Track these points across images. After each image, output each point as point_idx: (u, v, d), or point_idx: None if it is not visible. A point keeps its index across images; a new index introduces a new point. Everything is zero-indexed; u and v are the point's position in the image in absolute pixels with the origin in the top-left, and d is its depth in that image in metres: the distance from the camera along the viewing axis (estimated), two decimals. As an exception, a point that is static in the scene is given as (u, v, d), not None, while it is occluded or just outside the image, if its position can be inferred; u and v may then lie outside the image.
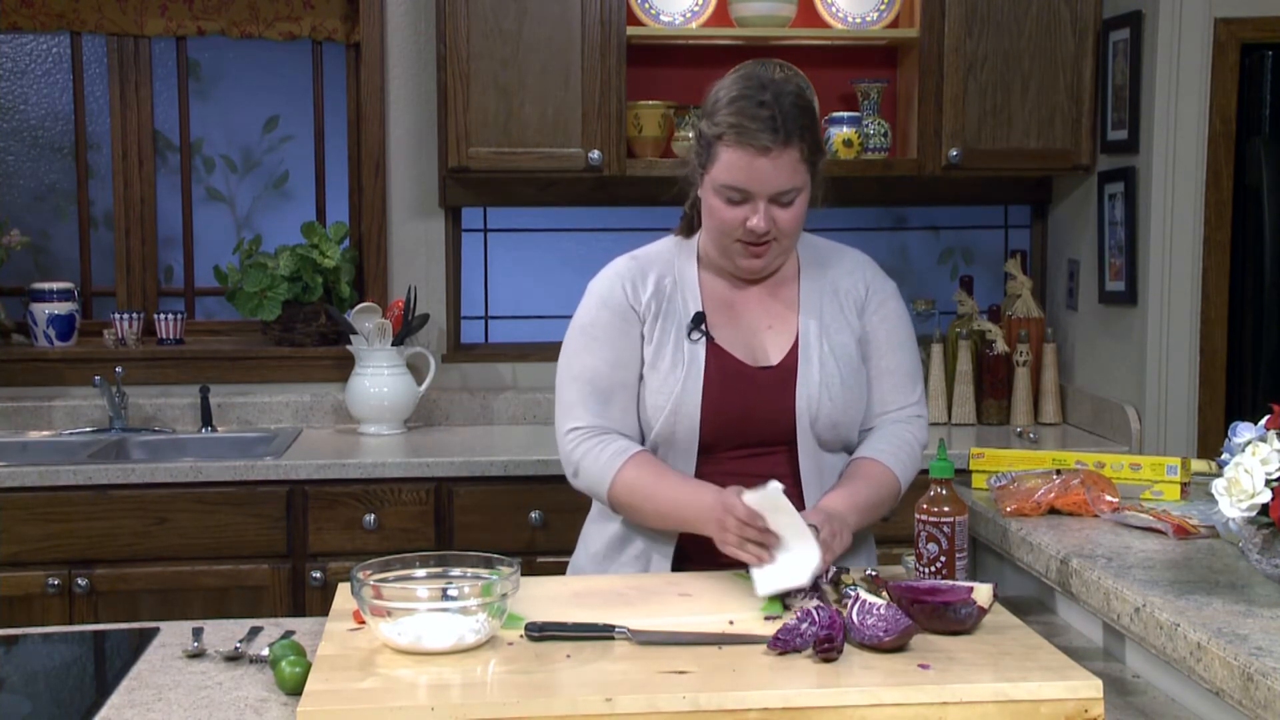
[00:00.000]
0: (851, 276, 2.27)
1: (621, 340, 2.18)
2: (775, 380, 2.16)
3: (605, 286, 2.22)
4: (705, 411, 2.13)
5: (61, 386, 3.85)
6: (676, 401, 2.13)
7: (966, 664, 1.69)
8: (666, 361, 2.16)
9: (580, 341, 2.20)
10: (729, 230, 2.12)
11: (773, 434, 2.16)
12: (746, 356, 2.18)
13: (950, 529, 1.99)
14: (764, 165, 2.06)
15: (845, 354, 2.20)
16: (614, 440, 2.16)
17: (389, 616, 1.74)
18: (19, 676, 1.96)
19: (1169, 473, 2.31)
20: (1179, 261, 3.44)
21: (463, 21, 3.56)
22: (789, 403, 2.15)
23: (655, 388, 2.16)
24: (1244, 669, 1.49)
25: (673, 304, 2.19)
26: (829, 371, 2.17)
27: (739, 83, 2.12)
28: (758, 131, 2.05)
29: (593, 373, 2.17)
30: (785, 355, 2.18)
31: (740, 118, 2.06)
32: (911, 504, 2.08)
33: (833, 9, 3.82)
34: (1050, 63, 3.69)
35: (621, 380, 2.18)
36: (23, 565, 3.25)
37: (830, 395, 2.16)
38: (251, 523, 3.32)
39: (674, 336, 2.17)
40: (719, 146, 2.08)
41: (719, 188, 2.10)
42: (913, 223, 4.28)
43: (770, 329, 2.21)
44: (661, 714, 1.59)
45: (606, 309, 2.19)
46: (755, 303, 2.22)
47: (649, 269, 2.22)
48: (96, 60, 4.01)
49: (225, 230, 4.13)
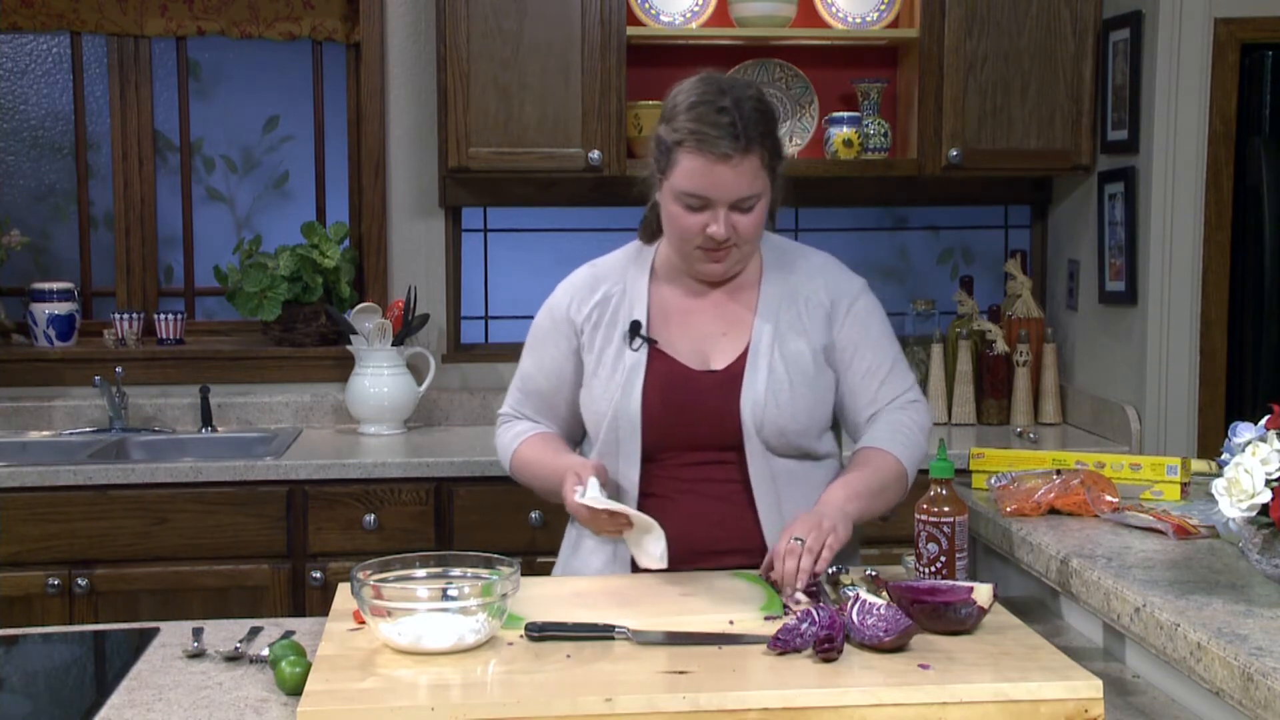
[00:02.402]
0: (814, 284, 2.24)
1: (552, 349, 2.26)
2: (720, 384, 2.15)
3: (557, 294, 2.30)
4: (646, 417, 2.13)
5: (61, 386, 3.85)
6: (617, 408, 2.14)
7: (966, 664, 1.69)
8: (606, 369, 2.18)
9: (528, 341, 2.33)
10: (689, 237, 2.11)
11: (719, 439, 2.15)
12: (695, 362, 2.17)
13: (950, 529, 1.99)
14: (724, 172, 2.04)
15: (798, 361, 2.17)
16: (521, 423, 2.32)
17: (389, 616, 1.74)
18: (19, 676, 1.96)
19: (1169, 473, 2.31)
20: (1179, 261, 3.44)
21: (463, 21, 3.56)
22: (734, 408, 2.13)
23: (596, 395, 2.19)
24: (1244, 669, 1.49)
25: (616, 314, 2.21)
26: (778, 377, 2.14)
27: (698, 88, 2.09)
28: (718, 139, 2.03)
29: (524, 371, 2.32)
30: (734, 360, 2.17)
31: (700, 124, 2.04)
32: (911, 504, 2.08)
33: (833, 9, 3.82)
34: (1050, 63, 3.69)
35: (540, 386, 2.29)
36: (23, 565, 3.25)
37: (778, 401, 2.13)
38: (251, 523, 3.32)
39: (615, 345, 2.19)
40: (679, 153, 2.06)
41: (679, 194, 2.08)
42: (913, 223, 4.28)
43: (725, 335, 2.20)
44: (661, 714, 1.59)
45: (549, 316, 2.28)
46: (712, 308, 2.21)
47: (601, 280, 2.26)
48: (96, 60, 4.01)
49: (225, 230, 4.13)
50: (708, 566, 2.11)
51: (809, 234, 4.14)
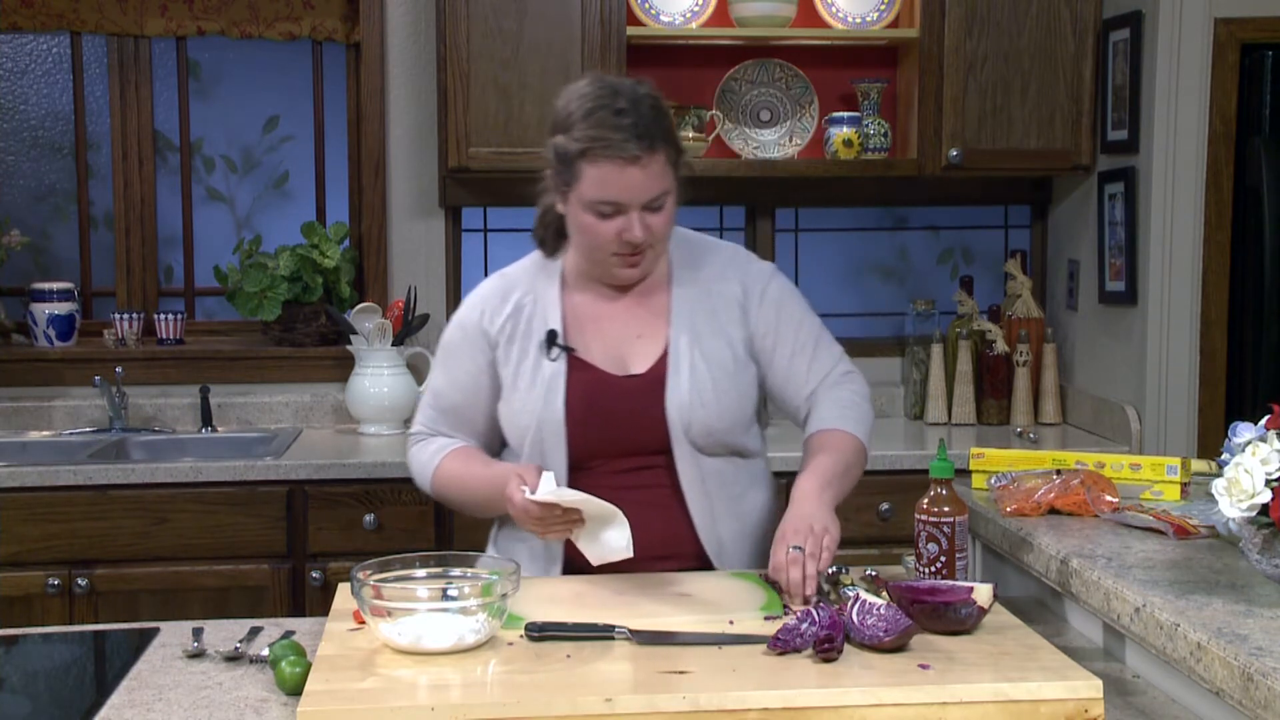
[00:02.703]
0: (724, 279, 2.22)
1: (466, 362, 2.22)
2: (643, 389, 2.13)
3: (466, 307, 2.25)
4: (571, 426, 2.11)
5: (61, 386, 3.85)
6: (540, 420, 2.12)
7: (966, 664, 1.69)
8: (525, 381, 2.15)
9: (438, 355, 2.28)
10: (604, 245, 2.08)
11: (647, 443, 2.13)
12: (614, 368, 2.15)
13: (950, 529, 1.99)
14: (635, 175, 2.01)
15: (719, 359, 2.16)
16: (437, 439, 2.26)
17: (389, 616, 1.74)
18: (19, 676, 1.96)
19: (1169, 473, 2.31)
20: (1179, 261, 3.44)
21: (463, 21, 3.56)
22: (659, 412, 2.12)
23: (517, 408, 2.15)
24: (1244, 669, 1.49)
25: (530, 324, 2.18)
26: (700, 377, 2.13)
27: (591, 92, 2.05)
28: (624, 142, 1.99)
29: (436, 387, 2.27)
30: (654, 363, 2.15)
31: (602, 130, 2.00)
32: (911, 504, 2.07)
33: (833, 9, 3.82)
34: (1050, 63, 3.69)
35: (455, 402, 2.24)
36: (23, 565, 3.25)
37: (702, 402, 2.12)
38: (251, 523, 3.32)
39: (532, 356, 2.16)
40: (583, 163, 2.02)
41: (590, 204, 2.04)
42: (913, 223, 4.28)
43: (640, 338, 2.18)
44: (661, 714, 1.59)
45: (460, 330, 2.24)
46: (624, 312, 2.19)
47: (511, 290, 2.22)
48: (96, 60, 4.01)
49: (225, 230, 4.13)
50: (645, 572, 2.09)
51: (809, 234, 4.14)
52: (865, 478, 3.37)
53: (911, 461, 3.43)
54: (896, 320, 4.20)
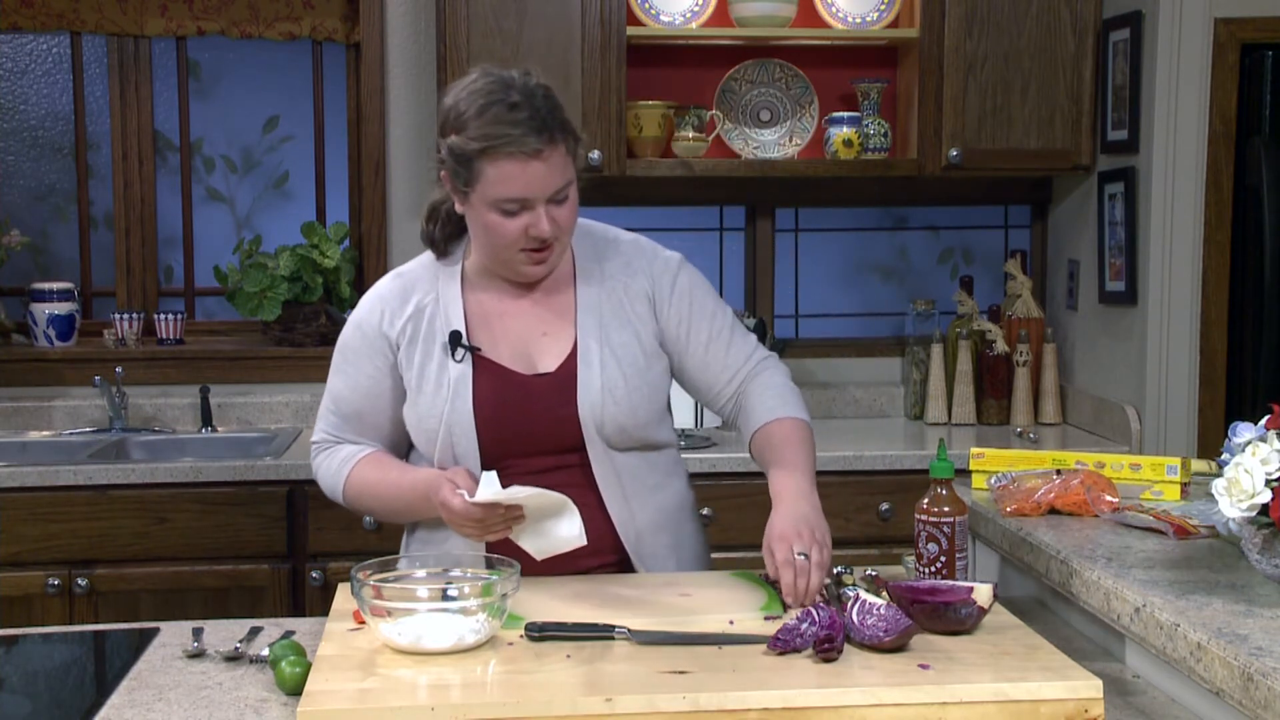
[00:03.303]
0: (630, 271, 2.18)
1: (367, 366, 2.14)
2: (553, 387, 2.10)
3: (365, 308, 2.17)
4: (481, 427, 2.07)
5: (61, 386, 3.85)
6: (449, 422, 2.07)
7: (966, 664, 1.69)
8: (431, 384, 2.10)
9: (336, 360, 2.19)
10: (511, 243, 2.02)
11: (559, 442, 2.10)
12: (522, 366, 2.12)
13: (950, 529, 1.99)
14: (538, 169, 1.96)
15: (628, 355, 2.12)
16: (344, 447, 2.18)
17: (389, 616, 1.74)
18: (19, 676, 1.96)
19: (1169, 473, 2.31)
20: (1179, 261, 3.44)
21: (463, 21, 3.56)
22: (571, 410, 2.09)
23: (424, 412, 2.10)
24: (1244, 669, 1.49)
25: (433, 325, 2.11)
26: (610, 374, 2.10)
27: (482, 88, 1.99)
28: (523, 137, 1.94)
29: (336, 393, 2.18)
30: (563, 361, 2.12)
31: (500, 126, 1.95)
32: (911, 504, 2.08)
33: (833, 9, 3.82)
34: (1050, 63, 3.69)
35: (358, 408, 2.16)
36: (23, 565, 3.26)
37: (614, 399, 2.09)
38: (251, 523, 3.32)
39: (436, 358, 2.11)
40: (482, 162, 1.96)
41: (494, 202, 1.98)
42: (913, 223, 4.28)
43: (546, 335, 2.14)
44: (661, 714, 1.58)
45: (359, 332, 2.16)
46: (529, 310, 2.15)
47: (411, 291, 2.15)
48: (96, 60, 4.01)
49: (225, 230, 4.13)
50: (568, 572, 2.07)
51: (809, 234, 4.14)
52: (865, 478, 3.43)
53: (911, 461, 3.43)
54: (896, 320, 4.20)
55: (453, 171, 2.02)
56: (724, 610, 1.89)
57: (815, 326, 4.21)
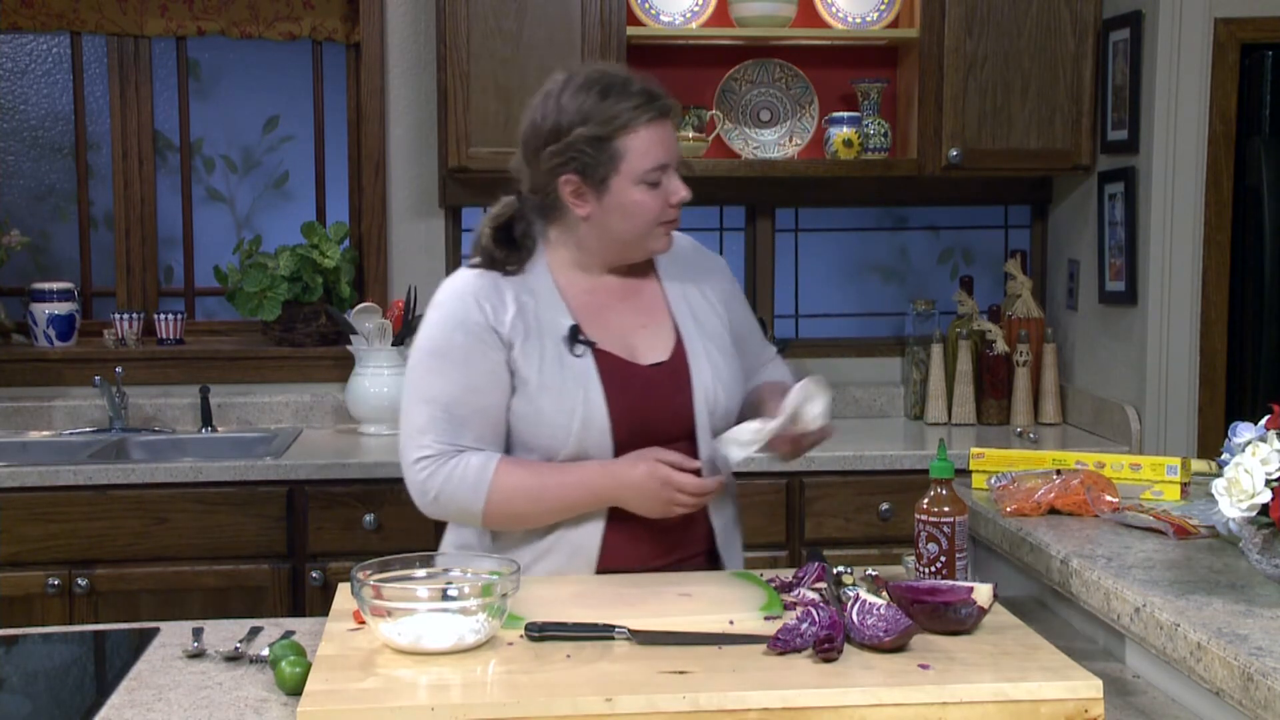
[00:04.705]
0: (704, 268, 2.29)
1: (481, 362, 2.08)
2: (668, 376, 2.15)
3: (458, 306, 2.10)
4: (614, 419, 2.09)
5: (61, 386, 3.85)
6: (584, 417, 2.07)
7: (966, 664, 1.69)
8: (556, 379, 2.08)
9: (432, 364, 2.10)
10: (656, 216, 2.10)
11: (674, 431, 2.14)
12: (631, 357, 2.14)
13: (950, 529, 1.99)
14: (669, 131, 2.10)
15: (721, 342, 2.21)
16: (468, 456, 2.08)
17: (389, 616, 1.74)
18: (19, 676, 1.96)
19: (1169, 473, 2.31)
20: (1179, 261, 3.44)
21: (463, 21, 3.56)
22: (686, 397, 2.14)
23: (554, 408, 2.07)
24: (1244, 669, 1.49)
25: (540, 321, 2.10)
26: (715, 361, 2.18)
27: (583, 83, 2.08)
28: (649, 104, 2.06)
29: (447, 397, 2.08)
30: (672, 351, 2.17)
31: (627, 100, 2.05)
32: (911, 504, 2.07)
33: (833, 9, 3.82)
34: (1050, 63, 3.69)
35: (477, 406, 2.08)
36: (23, 565, 3.26)
37: (723, 384, 2.17)
38: (251, 523, 3.32)
39: (555, 353, 2.10)
40: (623, 138, 2.04)
41: (640, 176, 2.06)
42: (913, 223, 4.28)
43: (645, 328, 2.18)
44: (661, 714, 1.58)
45: (461, 330, 2.08)
46: (622, 304, 2.18)
47: (503, 288, 2.11)
48: (96, 60, 4.01)
49: (225, 230, 4.13)
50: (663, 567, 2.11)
51: (809, 234, 4.14)
52: (865, 478, 3.43)
53: (911, 461, 3.43)
54: (896, 320, 4.20)
55: (586, 167, 2.06)
56: (724, 610, 1.89)
57: (815, 326, 4.21)
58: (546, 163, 2.08)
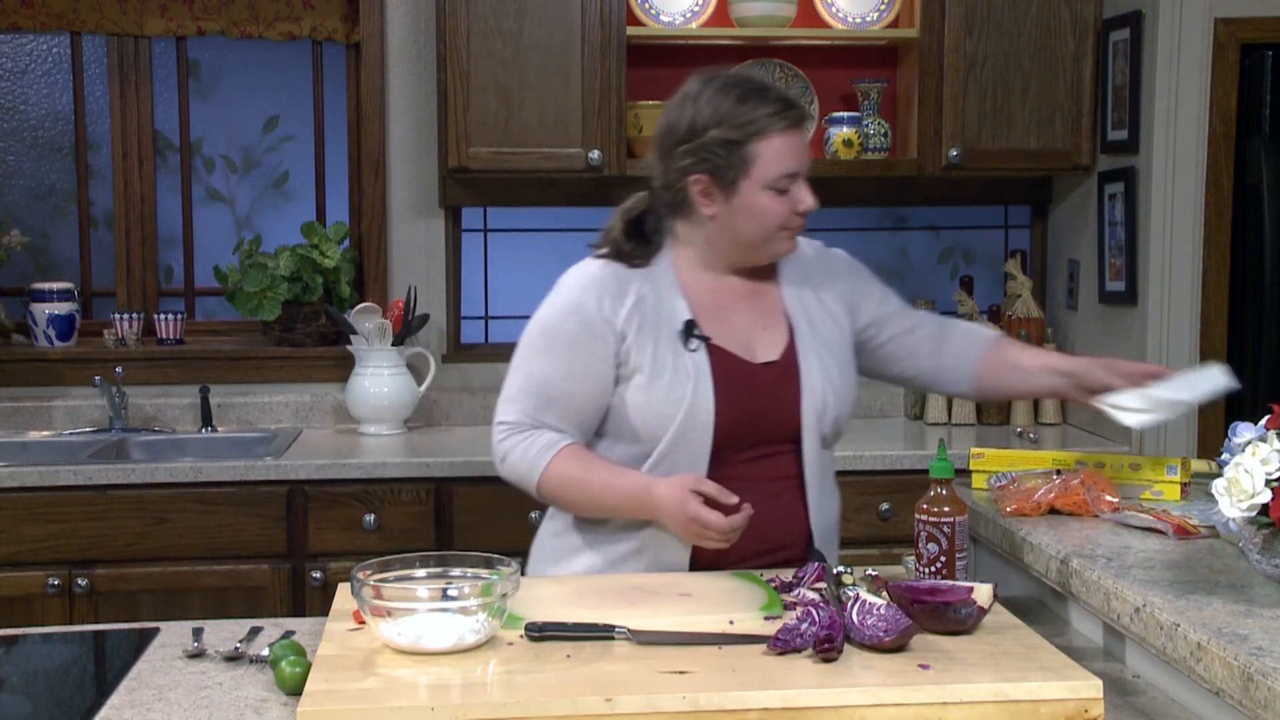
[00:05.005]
0: (825, 272, 2.30)
1: (583, 352, 2.13)
2: (778, 376, 2.17)
3: (576, 294, 2.16)
4: (719, 415, 2.11)
5: (61, 386, 3.85)
6: (689, 409, 2.10)
7: (966, 664, 1.69)
8: (669, 370, 2.11)
9: (540, 342, 2.17)
10: (781, 222, 2.15)
11: (779, 433, 2.16)
12: (747, 355, 2.17)
13: (950, 529, 1.99)
14: (801, 140, 2.14)
15: (836, 347, 2.22)
16: (543, 433, 2.14)
17: (389, 616, 1.74)
18: (19, 676, 1.96)
19: (1169, 473, 2.31)
20: (1179, 261, 3.44)
21: (463, 21, 3.56)
22: (794, 399, 2.16)
23: (662, 397, 2.11)
24: (1244, 669, 1.49)
25: (658, 314, 2.14)
26: (827, 365, 2.19)
27: (723, 86, 2.12)
28: (784, 112, 2.10)
29: (544, 376, 2.15)
30: (784, 351, 2.19)
31: (765, 107, 2.09)
32: (911, 504, 2.07)
33: (833, 9, 3.82)
34: (1050, 63, 3.69)
35: (568, 391, 2.14)
36: (23, 565, 3.26)
37: (833, 389, 2.18)
38: (251, 523, 3.32)
39: (669, 346, 2.13)
40: (756, 143, 2.09)
41: (770, 182, 2.11)
42: (913, 223, 4.28)
43: (765, 328, 2.20)
44: (661, 714, 1.58)
45: (575, 317, 2.14)
46: (742, 301, 2.21)
47: (626, 280, 2.16)
48: (96, 60, 4.01)
49: (225, 230, 4.13)
50: (759, 565, 2.12)
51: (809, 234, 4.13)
52: (865, 478, 3.43)
53: (911, 461, 3.43)
54: (896, 320, 4.19)
55: (717, 169, 2.10)
56: (724, 610, 1.89)
57: (815, 326, 4.20)
58: (679, 161, 2.12)
